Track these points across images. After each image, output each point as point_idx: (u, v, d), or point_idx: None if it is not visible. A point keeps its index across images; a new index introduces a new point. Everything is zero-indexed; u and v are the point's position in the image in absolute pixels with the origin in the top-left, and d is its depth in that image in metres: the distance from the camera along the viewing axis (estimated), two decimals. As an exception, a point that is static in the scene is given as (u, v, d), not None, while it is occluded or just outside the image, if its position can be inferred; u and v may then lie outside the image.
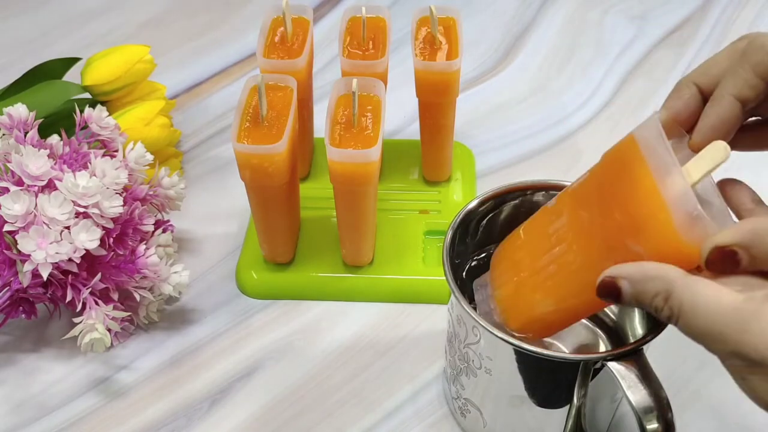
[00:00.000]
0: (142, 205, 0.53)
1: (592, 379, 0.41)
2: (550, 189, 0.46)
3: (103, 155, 0.52)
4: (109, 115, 0.55)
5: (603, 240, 0.36)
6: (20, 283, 0.49)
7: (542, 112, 0.71)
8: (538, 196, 0.47)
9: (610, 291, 0.34)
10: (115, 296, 0.52)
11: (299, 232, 0.59)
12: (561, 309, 0.39)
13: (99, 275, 0.50)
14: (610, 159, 0.38)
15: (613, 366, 0.38)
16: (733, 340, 0.30)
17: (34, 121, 0.54)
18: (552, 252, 0.39)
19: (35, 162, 0.49)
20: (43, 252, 0.47)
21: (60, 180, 0.49)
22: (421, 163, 0.62)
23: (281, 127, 0.49)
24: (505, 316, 0.42)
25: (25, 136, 0.52)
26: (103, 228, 0.49)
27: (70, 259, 0.48)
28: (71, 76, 0.62)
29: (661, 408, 0.37)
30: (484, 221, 0.48)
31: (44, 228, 0.47)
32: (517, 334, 0.41)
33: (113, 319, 0.50)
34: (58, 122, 0.57)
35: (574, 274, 0.38)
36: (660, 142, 0.34)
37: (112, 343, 0.53)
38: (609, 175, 0.37)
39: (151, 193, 0.55)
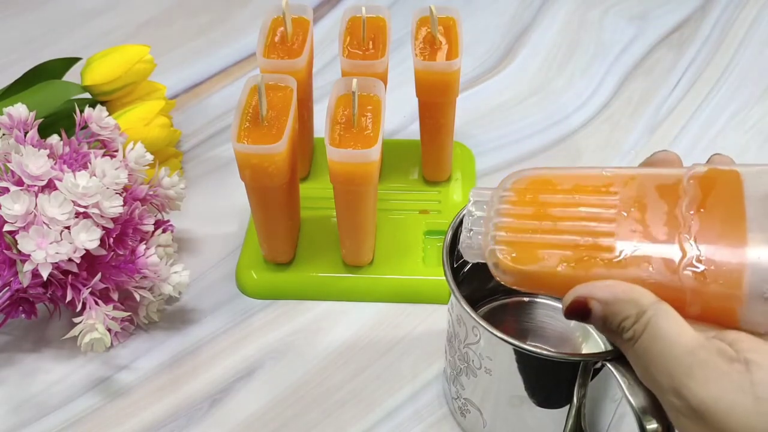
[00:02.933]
0: (142, 205, 0.53)
1: (592, 379, 0.41)
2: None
3: (103, 155, 0.52)
4: (109, 115, 0.55)
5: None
6: (20, 283, 0.49)
7: (542, 112, 0.71)
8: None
9: (580, 311, 0.34)
10: (115, 296, 0.52)
11: (299, 232, 0.59)
12: (561, 281, 0.36)
13: (99, 275, 0.50)
14: (703, 182, 0.35)
15: (613, 366, 0.38)
16: (677, 379, 0.31)
17: (34, 121, 0.54)
18: (585, 225, 0.36)
19: (35, 162, 0.49)
20: (43, 252, 0.47)
21: (60, 180, 0.49)
22: (421, 163, 0.62)
23: (281, 127, 0.49)
24: (506, 249, 0.37)
25: (25, 136, 0.52)
26: (103, 228, 0.49)
27: (70, 259, 0.48)
28: (71, 76, 0.62)
29: (661, 408, 0.37)
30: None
31: (44, 228, 0.47)
32: (501, 278, 0.37)
33: (113, 319, 0.50)
34: (58, 122, 0.57)
35: (596, 261, 0.35)
36: None
37: (112, 343, 0.53)
38: (698, 197, 0.35)
39: (151, 193, 0.55)
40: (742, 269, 0.33)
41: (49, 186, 0.49)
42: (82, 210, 0.49)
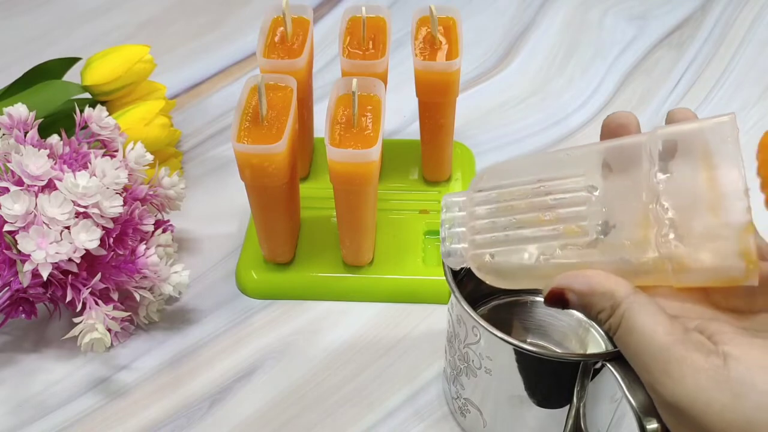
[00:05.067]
0: (142, 205, 0.53)
1: (592, 379, 0.41)
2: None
3: (103, 155, 0.52)
4: (109, 115, 0.55)
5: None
6: (20, 283, 0.49)
7: (542, 112, 0.71)
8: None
9: (558, 300, 0.35)
10: (115, 296, 0.52)
11: (299, 232, 0.59)
12: (544, 273, 0.36)
13: (99, 275, 0.50)
14: (667, 145, 0.35)
15: (613, 366, 0.38)
16: (653, 375, 0.31)
17: (34, 121, 0.54)
18: (557, 212, 0.36)
19: (35, 162, 0.49)
20: (43, 252, 0.47)
21: (60, 180, 0.49)
22: (421, 163, 0.62)
23: (281, 127, 0.49)
24: (486, 251, 0.37)
25: (25, 136, 0.52)
26: (103, 228, 0.49)
27: (70, 259, 0.48)
28: (71, 76, 0.62)
29: (661, 408, 0.37)
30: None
31: (44, 228, 0.47)
32: (486, 279, 0.38)
33: (113, 319, 0.50)
34: (58, 122, 0.57)
35: (574, 247, 0.36)
36: (734, 145, 0.33)
37: (112, 343, 0.53)
38: (663, 161, 0.35)
39: (151, 193, 0.55)
40: (717, 226, 0.32)
41: (49, 186, 0.49)
42: (82, 210, 0.49)
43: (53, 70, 0.62)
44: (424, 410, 0.50)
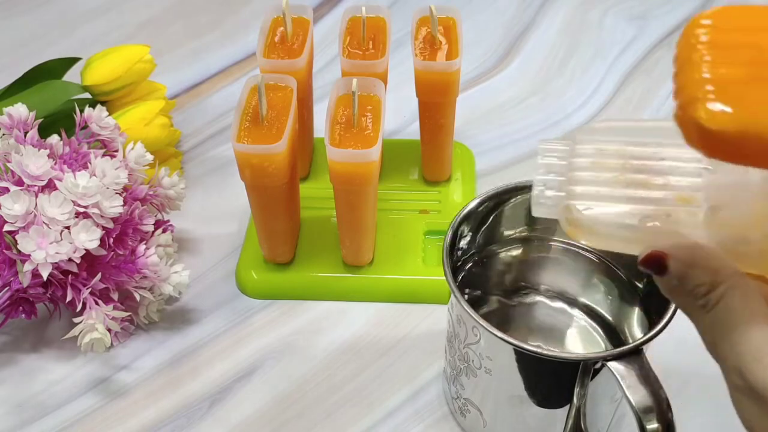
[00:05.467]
0: (142, 205, 0.53)
1: (592, 379, 0.41)
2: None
3: (103, 155, 0.52)
4: (109, 115, 0.55)
5: None
6: (20, 283, 0.49)
7: (542, 112, 0.71)
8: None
9: (656, 265, 0.33)
10: (115, 296, 0.52)
11: (299, 232, 0.59)
12: (641, 238, 0.34)
13: (99, 275, 0.50)
14: None
15: (613, 366, 0.38)
16: (743, 359, 0.30)
17: (34, 121, 0.54)
18: (668, 179, 0.34)
19: (35, 162, 0.49)
20: (43, 252, 0.47)
21: (60, 180, 0.49)
22: (421, 163, 0.62)
23: (281, 127, 0.49)
24: (582, 204, 0.34)
25: (25, 136, 0.52)
26: (103, 228, 0.49)
27: (70, 259, 0.48)
28: (71, 76, 0.62)
29: (661, 408, 0.37)
30: (484, 221, 0.48)
31: (44, 228, 0.47)
32: (576, 235, 0.35)
33: (113, 319, 0.50)
34: (58, 122, 0.57)
35: (679, 218, 0.33)
36: None
37: (112, 343, 0.53)
38: None
39: (151, 193, 0.55)
40: None
41: (49, 186, 0.49)
42: (82, 210, 0.49)
43: (53, 70, 0.62)
44: (424, 410, 0.50)
